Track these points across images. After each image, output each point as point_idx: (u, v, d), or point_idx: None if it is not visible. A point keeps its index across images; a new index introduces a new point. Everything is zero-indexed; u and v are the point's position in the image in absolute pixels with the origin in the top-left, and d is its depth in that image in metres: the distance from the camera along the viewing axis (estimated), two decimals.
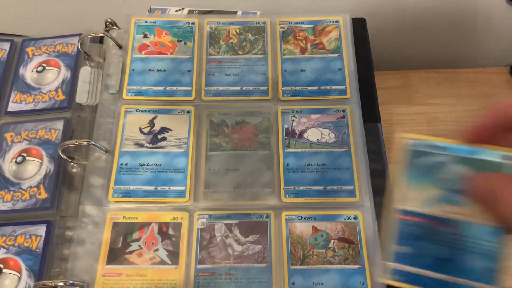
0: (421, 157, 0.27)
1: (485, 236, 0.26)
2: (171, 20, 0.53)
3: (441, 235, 0.26)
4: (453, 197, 0.27)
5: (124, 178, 0.44)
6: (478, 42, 0.70)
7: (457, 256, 0.26)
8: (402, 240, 0.27)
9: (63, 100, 0.49)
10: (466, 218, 0.26)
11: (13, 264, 0.41)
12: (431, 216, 0.27)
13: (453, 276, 0.26)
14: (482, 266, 0.26)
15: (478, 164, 0.26)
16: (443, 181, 0.27)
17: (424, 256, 0.27)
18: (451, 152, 0.27)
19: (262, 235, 0.42)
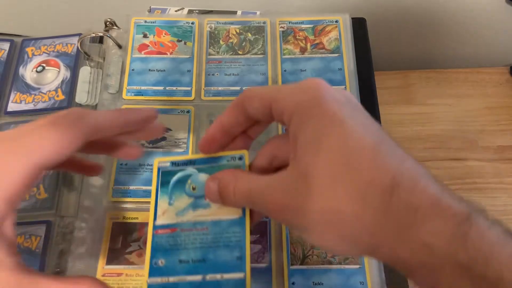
0: (172, 175, 0.31)
1: (231, 229, 0.29)
2: (171, 20, 0.53)
3: (192, 239, 0.29)
4: (201, 202, 0.30)
5: (124, 178, 0.44)
6: (478, 42, 0.70)
7: (210, 255, 0.28)
8: (157, 254, 0.29)
9: (62, 100, 0.49)
10: (213, 217, 0.29)
11: None
12: (181, 224, 0.29)
13: (208, 274, 0.28)
14: (232, 257, 0.28)
15: (213, 170, 0.30)
16: (191, 190, 0.30)
17: (178, 264, 0.28)
18: (195, 165, 0.31)
19: (262, 235, 0.42)
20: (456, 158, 0.56)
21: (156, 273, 0.28)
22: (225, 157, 0.30)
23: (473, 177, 0.56)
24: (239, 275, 0.28)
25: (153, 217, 0.30)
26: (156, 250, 0.29)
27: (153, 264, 0.29)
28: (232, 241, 0.28)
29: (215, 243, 0.28)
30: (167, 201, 0.30)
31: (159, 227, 0.29)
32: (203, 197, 0.29)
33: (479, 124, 0.59)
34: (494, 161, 0.57)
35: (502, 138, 0.59)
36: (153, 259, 0.29)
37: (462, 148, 0.57)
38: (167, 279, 0.28)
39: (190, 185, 0.30)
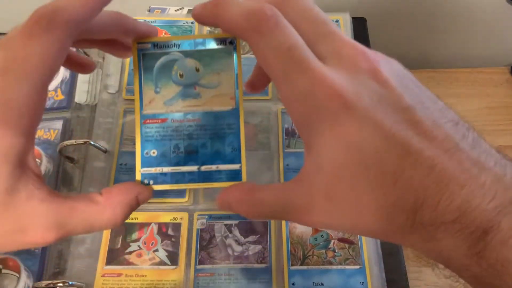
0: (155, 58, 0.28)
1: (224, 120, 0.28)
2: (170, 20, 0.53)
3: (184, 130, 0.28)
4: (190, 91, 0.28)
5: (123, 178, 0.44)
6: (478, 42, 0.70)
7: (203, 146, 0.27)
8: (148, 144, 0.28)
9: (62, 100, 0.49)
10: (204, 108, 0.28)
11: (12, 264, 0.41)
12: (170, 114, 0.28)
13: (204, 165, 0.27)
14: (227, 148, 0.27)
15: (201, 55, 0.28)
16: (178, 77, 0.28)
17: (171, 154, 0.28)
18: (183, 48, 0.28)
19: (262, 235, 0.42)
20: None
21: (149, 163, 0.28)
22: (213, 40, 0.28)
23: None
24: (234, 166, 0.27)
25: (139, 106, 0.28)
26: (146, 140, 0.28)
27: (144, 154, 0.28)
28: (226, 132, 0.28)
29: (209, 134, 0.28)
30: (152, 88, 0.28)
31: (147, 116, 0.28)
32: (192, 85, 0.28)
33: (479, 124, 0.59)
34: None
35: (502, 138, 0.59)
36: (144, 149, 0.28)
37: None
38: (161, 169, 0.28)
39: (177, 71, 0.28)
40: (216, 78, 0.28)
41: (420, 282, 0.48)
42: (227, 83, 0.28)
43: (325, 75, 0.21)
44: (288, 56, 0.21)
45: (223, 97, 0.28)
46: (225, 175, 0.27)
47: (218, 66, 0.28)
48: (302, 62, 0.21)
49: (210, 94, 0.28)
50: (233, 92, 0.28)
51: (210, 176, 0.27)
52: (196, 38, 0.28)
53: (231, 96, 0.28)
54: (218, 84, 0.28)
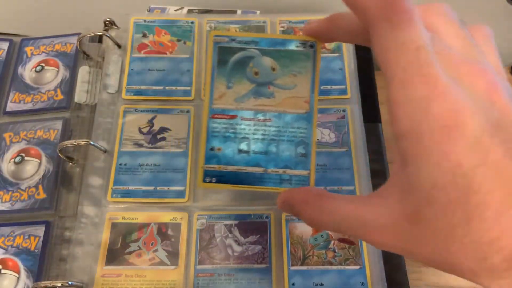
0: (232, 53, 0.27)
1: (296, 123, 0.27)
2: (170, 20, 0.53)
3: (253, 129, 0.27)
4: (264, 90, 0.27)
5: (123, 178, 0.44)
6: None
7: (272, 148, 0.27)
8: (213, 140, 0.27)
9: (62, 99, 0.49)
10: (277, 109, 0.27)
11: (11, 264, 0.41)
12: (241, 112, 0.27)
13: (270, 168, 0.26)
14: (297, 153, 0.27)
15: (279, 55, 0.27)
16: (253, 75, 0.27)
17: (237, 153, 0.27)
18: (261, 46, 0.27)
19: (262, 235, 0.42)
20: None
21: (213, 159, 0.27)
22: (294, 41, 0.27)
23: None
24: (302, 172, 0.26)
25: (209, 99, 0.27)
26: (212, 136, 0.27)
27: (209, 150, 0.27)
28: (297, 136, 0.27)
29: (279, 136, 0.27)
30: (225, 83, 0.27)
31: (216, 111, 0.27)
32: (267, 84, 0.27)
33: None
34: None
35: None
36: (209, 145, 0.27)
37: None
38: (225, 167, 0.27)
39: (252, 68, 0.27)
40: (292, 80, 0.27)
41: (420, 282, 0.48)
42: (303, 86, 0.27)
43: (447, 87, 0.19)
44: (415, 56, 0.19)
45: (297, 99, 0.27)
46: (291, 181, 0.27)
47: (296, 68, 0.27)
48: (428, 66, 0.19)
49: (284, 96, 0.27)
50: (309, 96, 0.27)
51: (276, 180, 0.27)
52: (276, 37, 0.27)
53: (306, 100, 0.27)
54: (294, 86, 0.27)
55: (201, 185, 0.27)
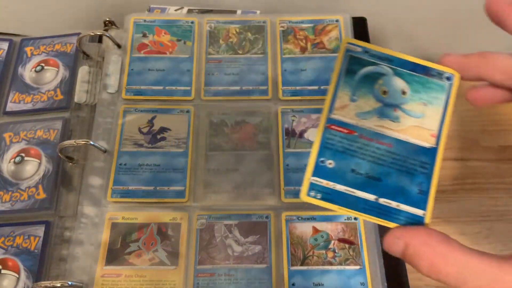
0: (362, 65, 0.26)
1: (418, 156, 0.25)
2: (170, 19, 0.53)
3: (371, 151, 0.25)
4: (389, 112, 0.25)
5: (123, 178, 0.44)
6: (478, 42, 0.70)
7: (388, 176, 0.24)
8: (327, 152, 0.25)
9: (61, 99, 0.49)
10: (400, 135, 0.25)
11: (11, 264, 0.41)
12: (361, 129, 0.25)
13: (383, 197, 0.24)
14: (414, 188, 0.24)
15: (412, 79, 0.26)
16: (380, 93, 0.26)
17: (349, 172, 0.25)
18: (395, 65, 0.26)
19: (262, 235, 0.42)
20: (457, 158, 0.56)
21: (322, 173, 0.24)
22: (433, 69, 0.26)
23: (474, 177, 0.56)
24: (417, 211, 0.24)
25: (328, 107, 0.25)
26: (325, 147, 0.25)
27: (319, 162, 0.25)
28: (417, 170, 0.24)
29: (397, 165, 0.24)
30: (349, 94, 0.25)
31: (334, 121, 0.25)
32: (393, 107, 0.25)
33: (480, 124, 0.59)
34: (495, 161, 0.57)
35: (503, 138, 0.58)
36: (321, 156, 0.25)
37: (463, 148, 0.57)
38: (334, 185, 0.24)
39: (380, 86, 0.25)
40: (421, 108, 0.25)
41: (420, 282, 0.48)
42: (432, 118, 0.25)
43: None
44: None
45: (423, 130, 0.25)
46: (403, 217, 0.24)
47: (427, 97, 0.26)
48: None
49: (409, 123, 0.25)
50: (436, 130, 0.25)
51: (387, 212, 0.24)
52: (412, 60, 0.26)
53: (433, 134, 0.25)
54: (422, 116, 0.25)
55: (304, 199, 0.24)
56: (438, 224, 0.51)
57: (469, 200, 0.53)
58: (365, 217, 0.24)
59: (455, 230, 0.50)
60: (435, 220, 0.51)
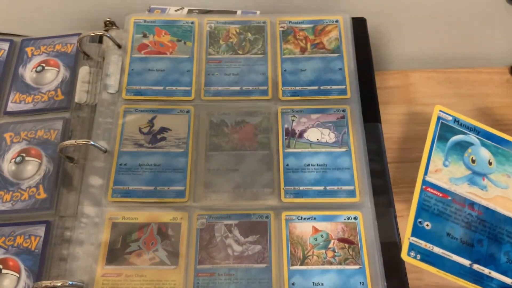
0: (453, 133, 0.28)
1: (505, 226, 0.26)
2: (170, 20, 0.53)
3: (463, 216, 0.26)
4: (478, 180, 0.27)
5: (123, 178, 0.44)
6: (478, 42, 0.70)
7: (479, 242, 0.26)
8: (424, 213, 0.27)
9: (62, 100, 0.49)
10: (488, 203, 0.26)
11: (12, 264, 0.41)
12: (456, 194, 0.27)
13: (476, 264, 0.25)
14: (503, 257, 0.25)
15: (497, 151, 0.27)
16: (470, 162, 0.27)
17: (445, 236, 0.26)
18: (481, 136, 0.28)
19: (262, 235, 0.42)
20: None
21: (420, 234, 0.26)
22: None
23: None
24: (507, 279, 0.25)
25: (424, 170, 0.27)
26: (422, 208, 0.27)
27: (417, 223, 0.26)
28: (504, 239, 0.26)
29: (487, 232, 0.26)
30: (442, 159, 0.27)
31: (429, 184, 0.27)
32: (481, 175, 0.27)
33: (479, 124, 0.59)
34: None
35: None
36: (419, 217, 0.26)
37: None
38: (432, 247, 0.26)
39: (470, 155, 0.27)
40: (505, 179, 0.27)
41: (420, 282, 0.48)
42: None
43: None
44: None
45: (508, 202, 0.26)
46: (495, 285, 0.25)
47: (510, 170, 0.27)
48: None
49: (496, 193, 0.27)
50: None
51: (480, 279, 0.25)
52: (497, 133, 0.28)
53: None
54: (506, 187, 0.27)
55: (405, 258, 0.26)
56: None
57: None
58: (462, 283, 0.25)
59: None
60: None
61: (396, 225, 0.43)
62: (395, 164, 0.54)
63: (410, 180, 0.54)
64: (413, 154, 0.56)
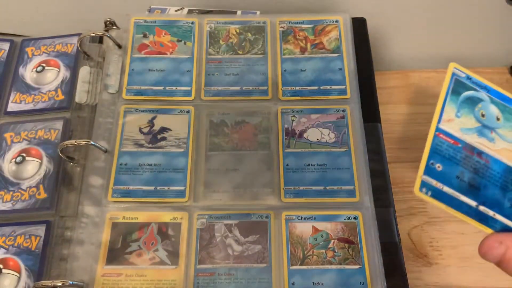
0: (465, 88, 0.30)
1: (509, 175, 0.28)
2: (170, 20, 0.53)
3: (472, 163, 0.29)
4: (487, 133, 0.29)
5: (123, 178, 0.44)
6: (478, 42, 0.70)
7: (485, 187, 0.28)
8: (436, 156, 0.29)
9: (62, 100, 0.49)
10: (495, 154, 0.29)
11: (12, 264, 0.41)
12: (466, 143, 0.29)
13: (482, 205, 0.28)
14: (506, 203, 0.28)
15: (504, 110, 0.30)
16: (480, 115, 0.30)
17: (454, 178, 0.28)
18: (491, 94, 0.30)
19: (262, 235, 0.42)
20: None
21: (432, 174, 0.28)
22: None
23: None
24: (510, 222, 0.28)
25: (438, 118, 0.30)
26: (434, 152, 0.29)
27: (429, 164, 0.29)
28: (509, 187, 0.28)
29: (493, 179, 0.28)
30: (454, 111, 0.30)
31: (442, 131, 0.29)
32: (490, 129, 0.29)
33: None
34: None
35: None
36: (431, 159, 0.29)
37: None
38: (442, 186, 0.28)
39: (480, 109, 0.30)
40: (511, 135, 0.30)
41: (420, 282, 0.48)
42: None
43: None
44: None
45: None
46: (499, 226, 0.28)
47: None
48: None
49: (502, 145, 0.29)
50: None
51: (485, 219, 0.28)
52: (506, 94, 0.31)
53: None
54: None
55: (417, 193, 0.28)
56: (438, 223, 0.51)
57: None
58: (467, 220, 0.28)
59: (455, 230, 0.51)
60: (435, 220, 0.52)
61: (396, 225, 0.43)
62: (395, 164, 0.54)
63: (410, 180, 0.54)
64: (413, 154, 0.56)
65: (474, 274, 0.48)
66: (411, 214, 0.52)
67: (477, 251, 0.28)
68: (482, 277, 0.47)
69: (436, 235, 0.50)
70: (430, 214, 0.52)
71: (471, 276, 0.48)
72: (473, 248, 0.30)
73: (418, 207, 0.52)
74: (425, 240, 0.50)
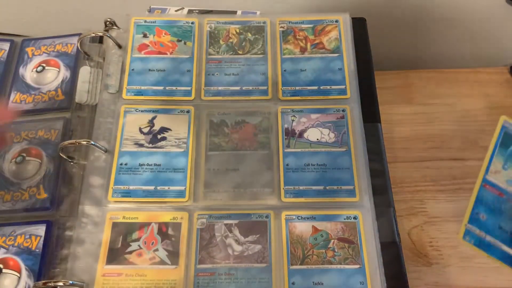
0: None
1: None
2: (170, 20, 0.53)
3: None
4: None
5: (123, 178, 0.44)
6: (478, 42, 0.70)
7: None
8: (480, 206, 0.30)
9: (62, 100, 0.49)
10: None
11: (12, 264, 0.41)
12: (510, 194, 0.30)
13: None
14: None
15: None
16: None
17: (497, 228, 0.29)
18: None
19: (262, 235, 0.42)
20: (456, 158, 0.56)
21: (476, 223, 0.29)
22: None
23: (473, 177, 0.56)
24: None
25: (485, 169, 0.31)
26: (480, 202, 0.30)
27: (474, 214, 0.30)
28: None
29: None
30: (501, 163, 0.31)
31: (488, 182, 0.30)
32: None
33: (479, 124, 0.59)
34: None
35: None
36: (476, 209, 0.30)
37: (462, 148, 0.57)
38: (485, 235, 0.29)
39: None
40: None
41: (420, 281, 0.48)
42: None
43: None
44: None
45: None
46: None
47: None
48: None
49: None
50: None
51: None
52: None
53: None
54: None
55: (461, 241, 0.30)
56: (438, 223, 0.51)
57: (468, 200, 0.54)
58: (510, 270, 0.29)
59: (455, 230, 0.51)
60: (435, 220, 0.52)
61: (396, 225, 0.43)
62: (395, 164, 0.54)
63: (410, 180, 0.54)
64: (413, 154, 0.57)
65: (474, 274, 0.48)
66: (411, 214, 0.52)
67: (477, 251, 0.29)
68: (482, 277, 0.47)
69: (436, 235, 0.50)
70: (430, 214, 0.52)
71: (471, 276, 0.48)
72: None
73: (418, 207, 0.52)
74: (425, 240, 0.50)
